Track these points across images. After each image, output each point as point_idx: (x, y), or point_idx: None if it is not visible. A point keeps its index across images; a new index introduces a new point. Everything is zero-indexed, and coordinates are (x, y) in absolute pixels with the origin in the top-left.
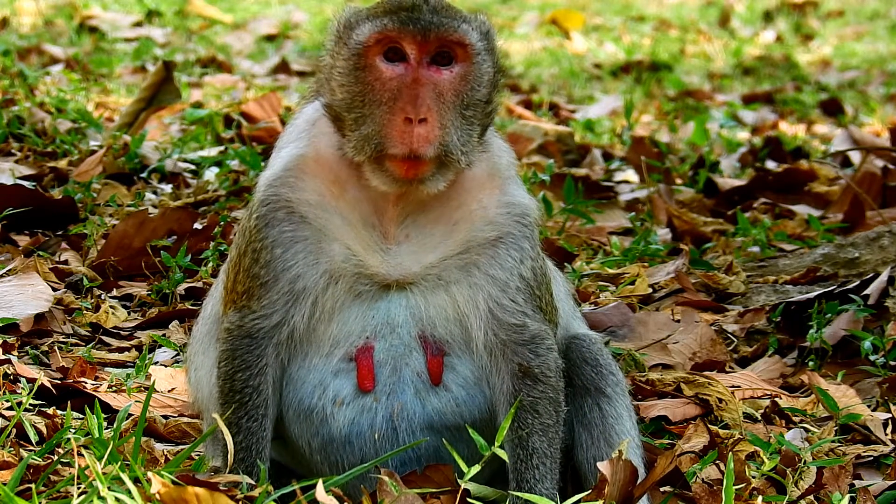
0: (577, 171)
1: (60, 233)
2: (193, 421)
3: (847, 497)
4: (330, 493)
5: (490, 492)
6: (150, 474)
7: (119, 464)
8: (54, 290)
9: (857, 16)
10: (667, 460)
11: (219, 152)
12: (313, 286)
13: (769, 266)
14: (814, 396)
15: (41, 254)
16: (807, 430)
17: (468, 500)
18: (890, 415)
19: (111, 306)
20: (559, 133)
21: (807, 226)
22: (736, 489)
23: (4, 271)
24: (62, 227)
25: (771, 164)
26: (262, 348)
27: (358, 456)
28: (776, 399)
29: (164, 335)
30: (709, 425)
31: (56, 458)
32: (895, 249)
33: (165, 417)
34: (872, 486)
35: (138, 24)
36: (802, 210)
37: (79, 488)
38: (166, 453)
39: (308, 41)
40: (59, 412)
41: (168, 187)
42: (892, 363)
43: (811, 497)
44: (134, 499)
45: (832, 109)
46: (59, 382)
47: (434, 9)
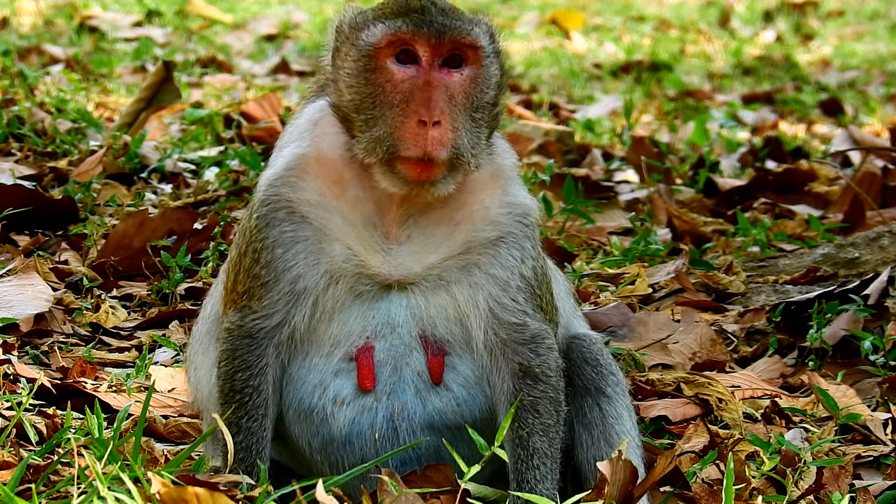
0: (577, 171)
1: (60, 233)
2: (193, 421)
3: (847, 497)
4: (330, 493)
5: (490, 492)
6: (150, 474)
7: (119, 464)
8: (54, 290)
9: (857, 16)
10: (667, 460)
11: (219, 152)
12: (314, 286)
13: (769, 266)
14: (814, 396)
15: (41, 254)
16: (807, 430)
17: (468, 500)
18: (890, 415)
19: (111, 306)
20: (559, 133)
21: (807, 226)
22: (736, 489)
23: (4, 271)
24: (62, 227)
25: (771, 164)
26: (263, 348)
27: (358, 456)
28: (776, 399)
29: (164, 335)
30: (709, 425)
31: (56, 458)
32: (895, 249)
33: (165, 417)
34: (872, 486)
35: (138, 24)
36: (802, 210)
37: (79, 488)
38: (166, 453)
39: (308, 41)
40: (59, 412)
41: (168, 187)
42: (892, 363)
43: (811, 497)
44: (134, 499)
45: (832, 109)
46: (59, 382)
47: (443, 11)
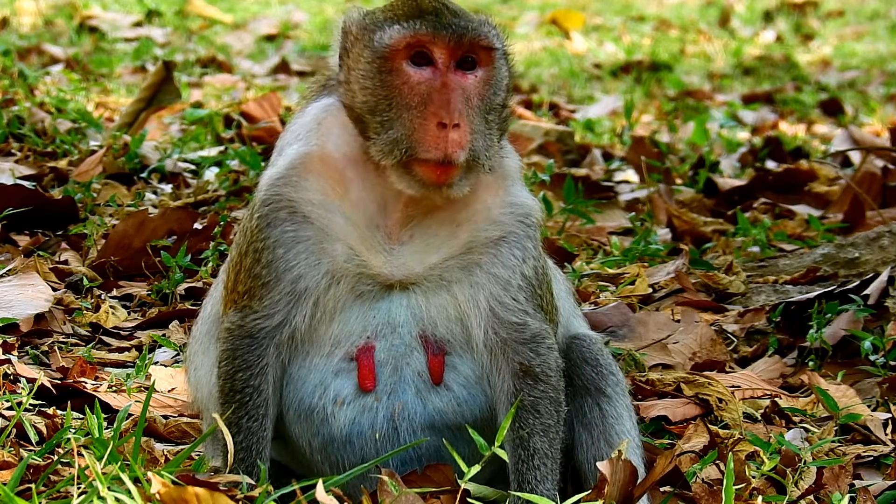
0: (577, 171)
1: (60, 233)
2: (193, 421)
3: (847, 497)
4: (330, 493)
5: (490, 492)
6: (150, 474)
7: (119, 464)
8: (54, 290)
9: (857, 16)
10: (666, 460)
11: (219, 152)
12: (315, 286)
13: (769, 266)
14: (814, 396)
15: (41, 254)
16: (807, 430)
17: (468, 501)
18: (890, 415)
19: (111, 306)
20: (559, 133)
21: (807, 226)
22: (736, 489)
23: (4, 271)
24: (62, 227)
25: (771, 164)
26: (263, 348)
27: (358, 456)
28: (776, 399)
29: (164, 335)
30: (709, 425)
31: (56, 458)
32: (895, 249)
33: (165, 417)
34: (872, 486)
35: (138, 24)
36: (802, 210)
37: (79, 488)
38: (166, 453)
39: (308, 41)
40: (59, 412)
41: (168, 187)
42: (892, 363)
43: (811, 497)
44: (134, 499)
45: (832, 109)
46: (59, 382)
47: (456, 13)
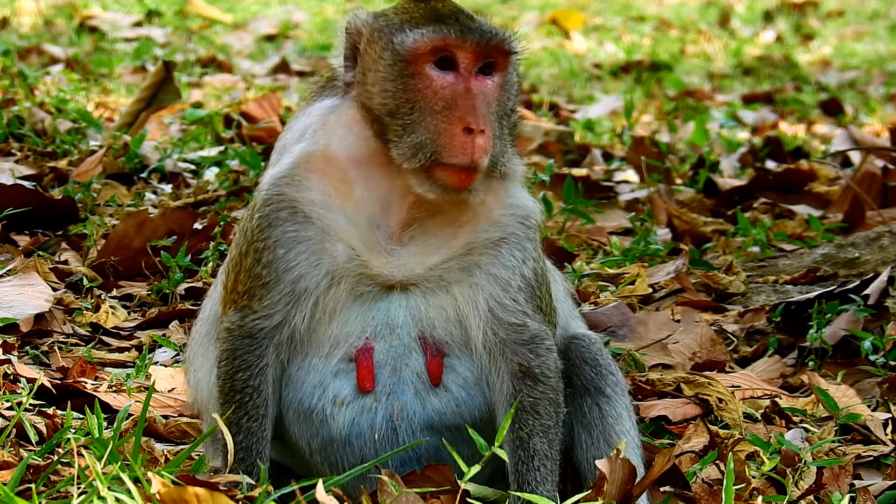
0: (577, 171)
1: (60, 233)
2: (193, 421)
3: (847, 497)
4: (330, 494)
5: (490, 492)
6: (150, 474)
7: (119, 464)
8: (54, 290)
9: (857, 16)
10: (665, 458)
11: (219, 152)
12: (315, 287)
13: (769, 266)
14: (814, 396)
15: (41, 254)
16: (807, 430)
17: (468, 501)
18: (890, 415)
19: (111, 306)
20: (559, 133)
21: (807, 226)
22: (736, 489)
23: (4, 271)
24: (62, 227)
25: (771, 164)
26: (263, 348)
27: (358, 456)
28: (776, 399)
29: (164, 335)
30: (709, 425)
31: (56, 458)
32: (895, 249)
33: (165, 417)
34: (872, 486)
35: (138, 24)
36: (802, 210)
37: (79, 488)
38: (166, 453)
39: (308, 41)
40: (59, 412)
41: (168, 187)
42: (892, 363)
43: (811, 497)
44: (134, 499)
45: (832, 109)
46: (59, 382)
47: (472, 17)
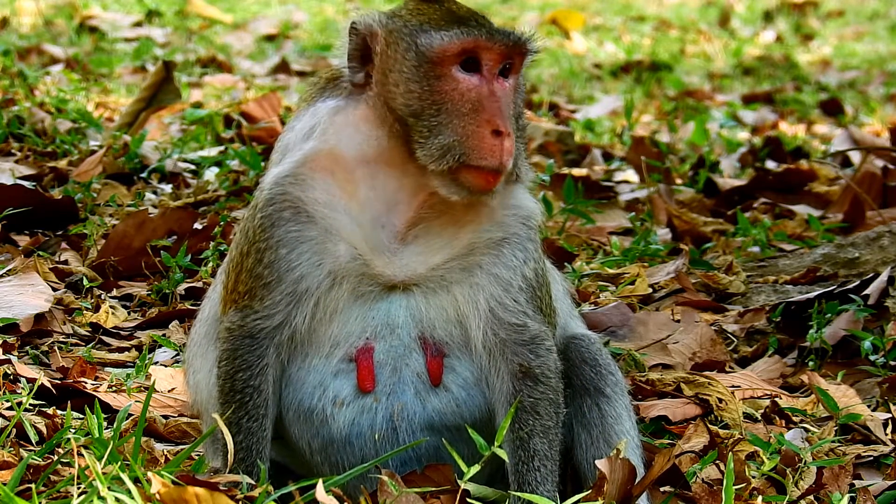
0: (577, 171)
1: (60, 233)
2: (193, 421)
3: (847, 497)
4: (330, 494)
5: (490, 492)
6: (150, 474)
7: (119, 464)
8: (54, 290)
9: (857, 16)
10: (664, 458)
11: (219, 152)
12: (316, 287)
13: (769, 266)
14: (814, 396)
15: (41, 254)
16: (807, 430)
17: (468, 501)
18: (890, 415)
19: (111, 306)
20: (559, 133)
21: (807, 226)
22: (736, 489)
23: (4, 271)
24: (62, 227)
25: (771, 164)
26: (264, 348)
27: (358, 456)
28: (776, 399)
29: (164, 335)
30: (709, 425)
31: (56, 458)
32: (895, 249)
33: (165, 417)
34: (872, 486)
35: (138, 24)
36: (802, 210)
37: (79, 488)
38: (166, 453)
39: (308, 41)
40: (59, 412)
41: (168, 187)
42: (892, 363)
43: (811, 497)
44: (134, 499)
45: (832, 109)
46: (59, 382)
47: (487, 19)
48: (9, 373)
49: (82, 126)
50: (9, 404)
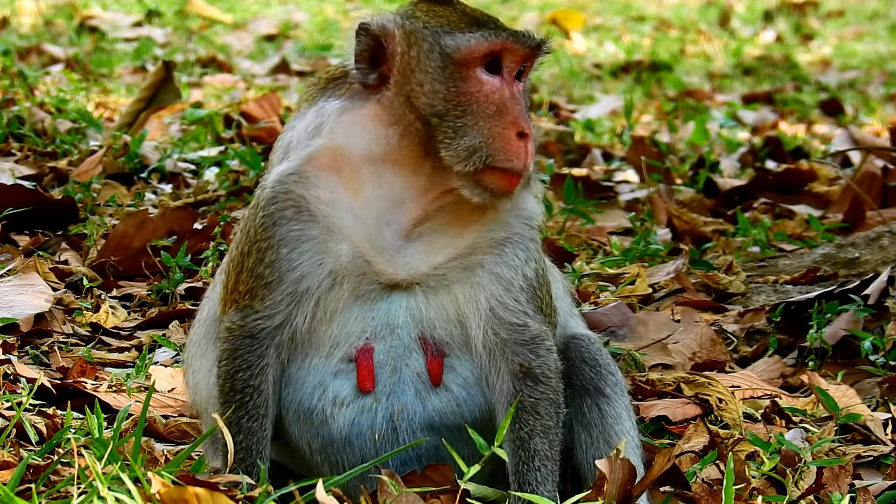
0: (577, 171)
1: (60, 233)
2: (193, 421)
3: (847, 497)
4: (330, 494)
5: (490, 492)
6: (150, 474)
7: (119, 464)
8: (54, 290)
9: (857, 16)
10: (664, 458)
11: (219, 152)
12: (317, 287)
13: (769, 266)
14: (814, 396)
15: (41, 254)
16: (807, 430)
17: (468, 501)
18: (890, 415)
19: (111, 306)
20: (559, 133)
21: (807, 226)
22: (736, 489)
23: (4, 271)
24: (62, 227)
25: (771, 164)
26: (264, 348)
27: (358, 456)
28: (776, 399)
29: (164, 335)
30: (709, 425)
31: (56, 458)
32: (895, 249)
33: (165, 417)
34: (872, 486)
35: (138, 24)
36: (802, 210)
37: (79, 488)
38: (166, 453)
39: (308, 41)
40: (59, 412)
41: (168, 187)
42: (892, 363)
43: (811, 497)
44: (134, 499)
45: (832, 109)
46: (59, 382)
47: (500, 21)
48: (9, 373)
49: (82, 126)
50: (9, 404)
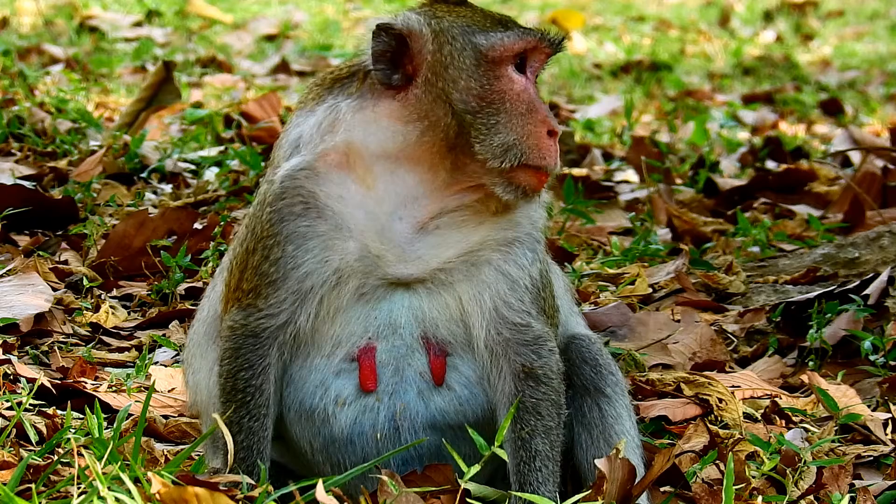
0: (577, 171)
1: (60, 233)
2: (193, 421)
3: (847, 497)
4: (330, 494)
5: (490, 492)
6: (150, 474)
7: (119, 464)
8: (54, 290)
9: (857, 16)
10: (664, 458)
11: (219, 152)
12: (321, 285)
13: (769, 266)
14: (814, 396)
15: (41, 254)
16: (807, 430)
17: (468, 500)
18: (890, 415)
19: (111, 306)
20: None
21: (807, 226)
22: (736, 489)
23: (4, 271)
24: (62, 227)
25: (771, 164)
26: (267, 348)
27: (360, 456)
28: (776, 399)
29: (164, 335)
30: (709, 425)
31: (56, 458)
32: (895, 249)
33: (165, 417)
34: (872, 486)
35: (138, 24)
36: (802, 210)
37: (79, 488)
38: (166, 453)
39: (308, 41)
40: (59, 412)
41: (168, 187)
42: (892, 363)
43: (811, 497)
44: (134, 499)
45: (832, 109)
46: (59, 382)
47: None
48: (9, 373)
49: (82, 126)
50: (9, 404)
